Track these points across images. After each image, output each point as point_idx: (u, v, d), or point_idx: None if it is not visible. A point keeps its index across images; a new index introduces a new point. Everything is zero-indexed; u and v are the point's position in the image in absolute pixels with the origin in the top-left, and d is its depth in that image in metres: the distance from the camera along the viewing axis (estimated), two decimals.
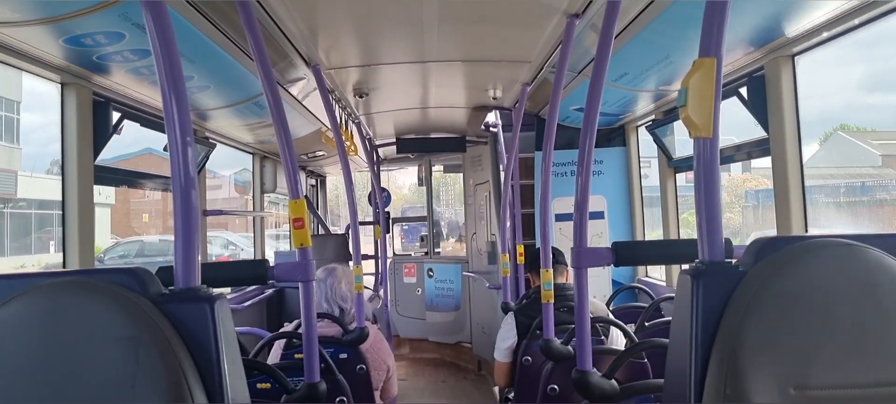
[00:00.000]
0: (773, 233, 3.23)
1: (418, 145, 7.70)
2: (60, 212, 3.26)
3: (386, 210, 8.06)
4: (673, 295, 1.77)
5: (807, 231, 3.51)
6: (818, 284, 1.35)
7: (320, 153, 7.32)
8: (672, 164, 5.31)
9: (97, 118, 3.37)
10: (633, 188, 6.07)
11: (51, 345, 1.35)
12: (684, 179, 5.42)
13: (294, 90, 4.43)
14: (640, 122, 5.77)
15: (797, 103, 3.48)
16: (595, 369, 2.42)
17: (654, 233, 6.17)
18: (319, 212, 9.05)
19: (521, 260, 5.16)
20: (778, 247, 1.44)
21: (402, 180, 26.35)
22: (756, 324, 1.34)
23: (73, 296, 1.39)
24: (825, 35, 3.13)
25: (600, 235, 6.01)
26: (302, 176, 8.15)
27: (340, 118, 4.85)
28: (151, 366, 1.35)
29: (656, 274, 5.79)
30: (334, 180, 9.94)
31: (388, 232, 8.50)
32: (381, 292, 7.51)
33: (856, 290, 1.34)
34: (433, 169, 9.34)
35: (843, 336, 1.32)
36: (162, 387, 1.34)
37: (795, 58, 3.46)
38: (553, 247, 3.77)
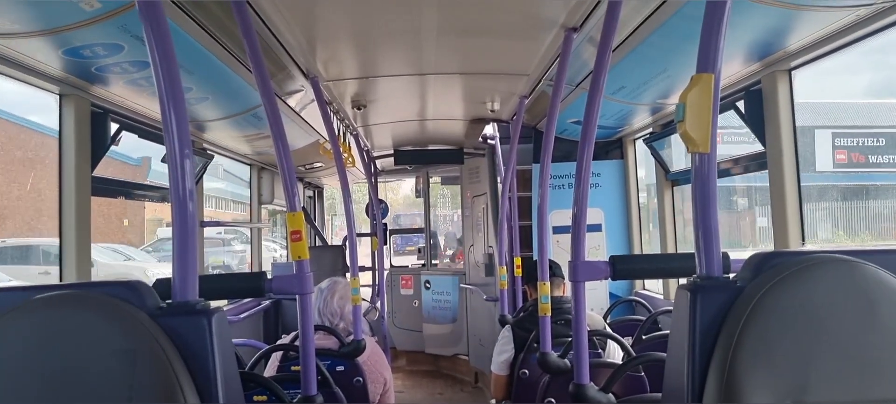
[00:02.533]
0: None
1: (416, 157, 7.70)
2: None
3: (383, 222, 8.05)
4: (670, 308, 1.77)
5: (804, 244, 3.51)
6: (816, 300, 1.35)
7: (318, 165, 7.32)
8: (670, 177, 5.32)
9: (95, 129, 3.36)
10: (630, 201, 6.07)
11: (48, 358, 1.34)
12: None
13: (292, 102, 4.44)
14: (637, 135, 5.78)
15: (794, 117, 3.49)
16: (592, 383, 2.42)
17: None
18: (317, 223, 9.05)
19: (518, 272, 5.15)
20: (775, 262, 1.44)
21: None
22: (753, 339, 1.34)
23: (71, 309, 1.39)
24: (822, 50, 3.15)
25: (598, 248, 6.01)
26: (299, 187, 8.15)
27: (338, 130, 4.85)
28: (148, 380, 1.34)
29: (654, 286, 5.78)
30: (329, 190, 9.92)
31: (386, 243, 8.49)
32: (378, 304, 7.49)
33: (853, 306, 1.34)
34: (431, 180, 9.34)
35: (841, 351, 1.32)
36: (158, 400, 1.34)
37: (792, 72, 3.47)
38: (550, 260, 3.77)
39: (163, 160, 1.72)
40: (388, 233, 9.00)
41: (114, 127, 3.53)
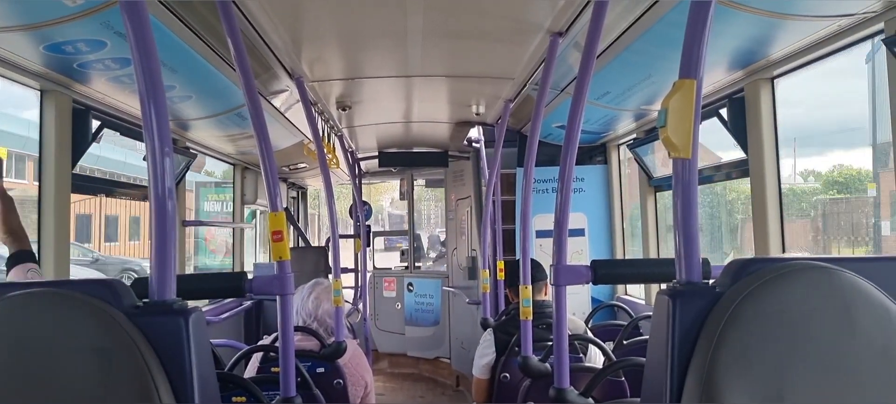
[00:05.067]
0: None
1: (400, 159, 7.70)
2: None
3: (367, 223, 8.04)
4: (651, 313, 1.77)
5: (784, 252, 3.54)
6: (794, 306, 1.35)
7: (302, 165, 7.30)
8: (653, 183, 5.34)
9: (76, 126, 3.33)
10: (613, 206, 6.09)
11: (22, 356, 1.33)
12: None
13: (276, 102, 4.42)
14: (621, 141, 5.81)
15: (776, 125, 3.52)
16: (572, 387, 2.42)
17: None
18: (300, 225, 9.02)
19: (501, 275, 5.15)
20: (754, 268, 1.45)
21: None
22: (731, 345, 1.35)
23: (46, 307, 1.37)
24: (805, 58, 3.18)
25: (580, 252, 6.02)
26: (282, 188, 8.12)
27: (323, 131, 4.84)
28: (123, 379, 1.33)
29: (635, 292, 5.81)
30: (313, 190, 9.89)
31: (369, 245, 8.48)
32: (361, 306, 7.47)
33: (831, 313, 1.35)
34: (415, 183, 9.34)
35: (818, 358, 1.32)
36: (133, 400, 1.32)
37: (775, 80, 3.50)
38: (533, 259, 3.77)
39: (144, 158, 1.70)
40: (371, 234, 8.99)
41: (95, 124, 3.50)
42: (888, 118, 2.68)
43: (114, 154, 17.86)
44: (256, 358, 3.46)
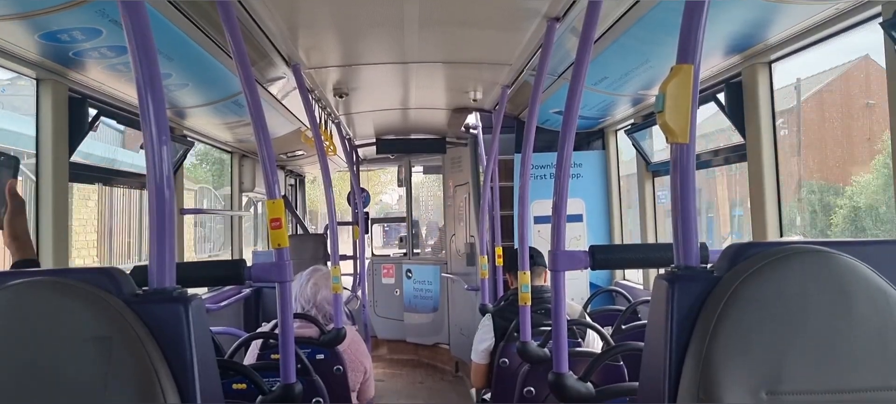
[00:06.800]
0: None
1: (398, 146, 7.70)
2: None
3: (365, 210, 8.04)
4: (649, 298, 1.78)
5: (782, 236, 3.54)
6: (791, 290, 1.36)
7: (299, 153, 7.29)
8: (650, 168, 5.35)
9: (73, 115, 3.33)
10: (611, 191, 6.10)
11: (21, 345, 1.33)
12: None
13: (274, 89, 4.41)
14: (619, 126, 5.80)
15: (773, 109, 3.52)
16: (571, 371, 2.43)
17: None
18: (298, 212, 9.02)
19: (499, 262, 5.16)
20: (752, 252, 1.45)
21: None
22: (729, 329, 1.35)
23: (45, 295, 1.37)
24: (802, 42, 3.17)
25: (578, 238, 6.03)
26: (280, 175, 8.11)
27: (320, 118, 4.83)
28: (124, 367, 1.33)
29: (634, 276, 5.82)
30: (310, 177, 9.89)
31: (367, 232, 8.48)
32: (360, 293, 7.49)
33: (828, 297, 1.35)
34: (413, 170, 9.34)
35: (816, 341, 1.33)
36: (134, 388, 1.33)
37: (772, 64, 3.49)
38: (531, 247, 3.77)
39: (141, 147, 1.70)
40: (369, 221, 8.99)
41: (92, 112, 3.49)
42: None
43: None
44: (256, 345, 3.47)
